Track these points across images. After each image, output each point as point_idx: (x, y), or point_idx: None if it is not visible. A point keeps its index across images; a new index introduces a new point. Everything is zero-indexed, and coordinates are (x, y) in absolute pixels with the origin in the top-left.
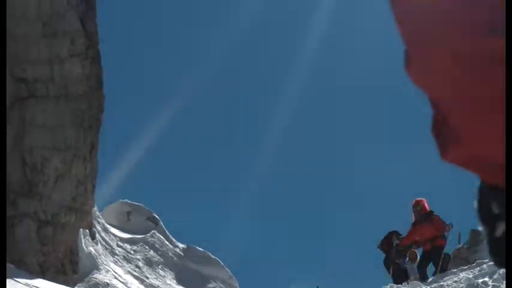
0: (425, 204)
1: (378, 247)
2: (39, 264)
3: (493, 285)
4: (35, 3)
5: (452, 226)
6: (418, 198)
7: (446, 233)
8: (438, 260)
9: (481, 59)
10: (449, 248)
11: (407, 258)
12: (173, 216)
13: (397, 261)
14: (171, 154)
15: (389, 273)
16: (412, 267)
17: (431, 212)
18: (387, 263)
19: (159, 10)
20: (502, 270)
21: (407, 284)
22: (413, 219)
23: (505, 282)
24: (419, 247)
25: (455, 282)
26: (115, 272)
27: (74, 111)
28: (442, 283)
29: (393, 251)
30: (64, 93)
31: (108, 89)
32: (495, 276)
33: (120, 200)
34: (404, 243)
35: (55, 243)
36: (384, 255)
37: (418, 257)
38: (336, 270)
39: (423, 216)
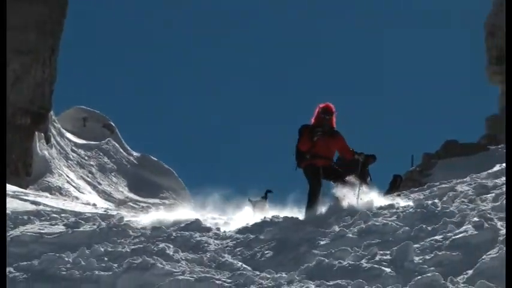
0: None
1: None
2: None
3: (442, 206)
4: None
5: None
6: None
7: None
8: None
9: None
10: (402, 171)
11: None
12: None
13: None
14: (131, 64)
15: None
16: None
17: None
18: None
19: None
20: (452, 193)
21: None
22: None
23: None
24: None
25: (406, 202)
26: (68, 176)
27: (35, 16)
28: (392, 203)
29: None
30: None
31: None
32: (444, 198)
33: (77, 106)
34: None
35: (9, 144)
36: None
37: None
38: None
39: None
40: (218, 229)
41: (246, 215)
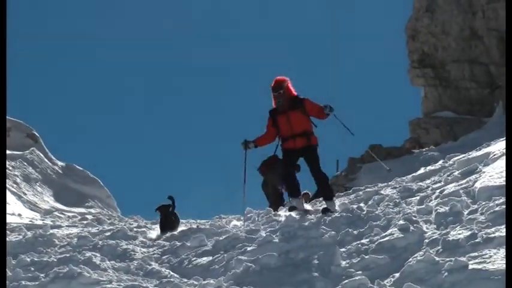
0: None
1: (257, 170)
2: None
3: (367, 210)
4: None
5: None
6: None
7: None
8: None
9: None
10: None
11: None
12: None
13: (279, 187)
14: (53, 71)
15: (267, 197)
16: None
17: None
18: (265, 186)
19: None
20: (377, 197)
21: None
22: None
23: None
24: None
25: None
26: None
27: None
28: (318, 207)
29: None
30: None
31: None
32: (370, 202)
33: None
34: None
35: None
36: (262, 178)
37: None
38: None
39: None
40: (144, 237)
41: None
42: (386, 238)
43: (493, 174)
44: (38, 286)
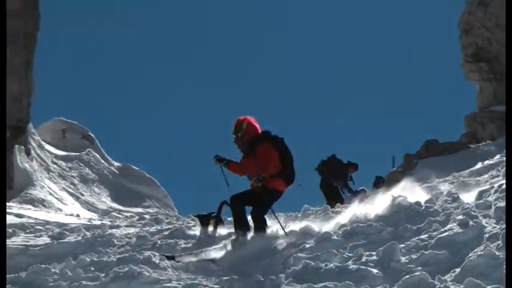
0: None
1: (315, 170)
2: None
3: (426, 205)
4: None
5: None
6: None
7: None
8: None
9: None
10: (383, 172)
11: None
12: (110, 135)
13: (335, 184)
14: (107, 72)
15: (325, 195)
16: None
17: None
18: (323, 185)
19: None
20: (435, 192)
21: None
22: None
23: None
24: None
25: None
26: (50, 188)
27: (9, 30)
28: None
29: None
30: None
31: (45, 9)
32: (428, 197)
33: (55, 118)
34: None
35: None
36: (320, 178)
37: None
38: None
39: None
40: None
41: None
42: (446, 233)
43: None
44: (98, 286)
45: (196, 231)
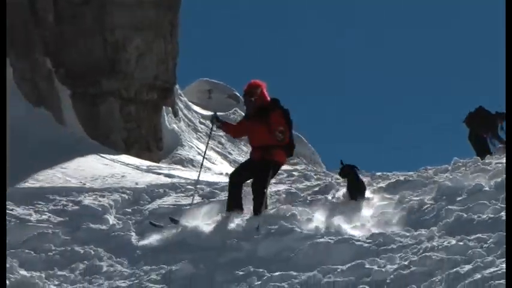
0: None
1: (463, 122)
2: (123, 140)
3: None
4: None
5: None
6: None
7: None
8: None
9: None
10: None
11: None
12: None
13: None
14: (250, 33)
15: (473, 147)
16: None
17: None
18: (470, 137)
19: None
20: None
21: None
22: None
23: None
24: None
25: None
26: (198, 148)
27: None
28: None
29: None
30: None
31: None
32: None
33: (201, 79)
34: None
35: (138, 120)
36: (468, 130)
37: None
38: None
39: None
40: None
41: None
42: None
43: None
44: (252, 243)
45: None
